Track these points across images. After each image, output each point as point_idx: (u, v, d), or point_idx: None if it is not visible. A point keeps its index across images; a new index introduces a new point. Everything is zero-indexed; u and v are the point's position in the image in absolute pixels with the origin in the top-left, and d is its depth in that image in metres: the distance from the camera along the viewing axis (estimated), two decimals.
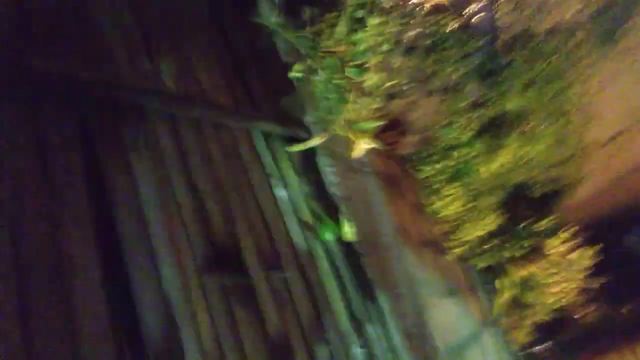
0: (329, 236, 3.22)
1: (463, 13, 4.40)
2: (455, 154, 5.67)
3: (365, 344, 3.12)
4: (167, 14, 2.95)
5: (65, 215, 2.03)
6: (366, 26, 3.55)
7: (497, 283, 7.29)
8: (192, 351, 2.18)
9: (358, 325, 3.14)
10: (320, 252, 3.17)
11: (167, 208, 2.43)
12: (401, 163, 5.49)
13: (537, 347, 8.53)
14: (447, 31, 4.29)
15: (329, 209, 3.33)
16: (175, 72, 2.80)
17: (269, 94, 3.35)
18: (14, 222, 1.83)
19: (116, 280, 2.09)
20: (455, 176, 5.95)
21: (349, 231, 3.27)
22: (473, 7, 4.43)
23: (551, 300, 7.74)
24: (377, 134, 4.38)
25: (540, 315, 7.84)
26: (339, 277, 3.18)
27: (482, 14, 4.52)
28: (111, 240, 2.17)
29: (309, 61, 3.37)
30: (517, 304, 7.62)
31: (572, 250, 7.74)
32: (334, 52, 3.43)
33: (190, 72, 2.93)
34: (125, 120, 2.42)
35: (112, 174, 2.26)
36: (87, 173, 2.19)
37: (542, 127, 6.06)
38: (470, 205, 6.26)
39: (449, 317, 5.01)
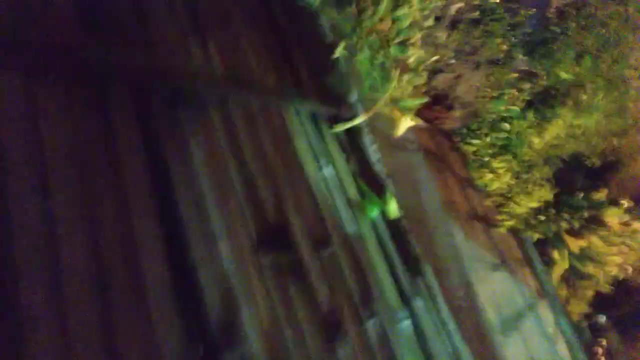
0: (375, 213, 3.29)
1: None
2: (506, 126, 5.56)
3: (414, 318, 3.20)
4: (215, 3, 3.04)
5: (129, 196, 2.19)
6: (410, 1, 3.52)
7: (555, 254, 7.16)
8: (250, 323, 2.32)
9: (406, 300, 3.22)
10: (367, 228, 3.25)
11: (222, 189, 2.56)
12: (448, 138, 5.45)
13: (596, 319, 8.35)
14: (495, 1, 4.18)
15: (375, 186, 3.39)
16: (226, 55, 2.90)
17: (314, 74, 3.41)
18: (85, 202, 2.00)
19: (178, 258, 2.25)
20: (505, 148, 5.85)
21: (394, 207, 3.33)
22: None
23: (611, 271, 7.53)
24: (423, 109, 4.37)
25: (600, 286, 7.66)
26: (385, 253, 3.26)
27: None
28: (172, 221, 2.33)
29: (352, 40, 3.40)
30: (576, 276, 7.47)
31: (633, 220, 7.46)
32: (378, 30, 3.44)
33: (239, 55, 3.03)
34: (181, 105, 2.55)
35: (172, 158, 2.40)
36: (148, 157, 2.34)
37: (598, 97, 5.82)
38: (522, 177, 6.14)
39: (501, 289, 5.01)
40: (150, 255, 2.12)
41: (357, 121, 3.33)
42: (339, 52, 3.32)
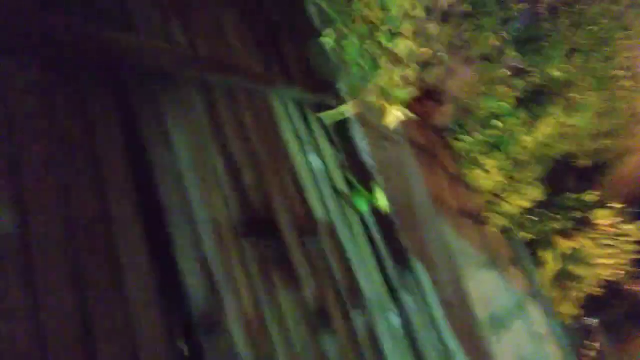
0: (363, 205, 3.21)
1: None
2: (498, 123, 5.52)
3: (402, 313, 3.11)
4: None
5: (108, 181, 2.09)
6: None
7: (545, 255, 7.12)
8: (233, 314, 2.22)
9: (394, 294, 3.13)
10: (354, 220, 3.17)
11: (205, 175, 2.47)
12: (438, 133, 5.39)
13: (584, 320, 8.32)
14: None
15: (363, 177, 3.31)
16: (208, 38, 2.82)
17: (301, 60, 3.33)
18: (60, 188, 1.90)
19: (158, 245, 2.15)
20: (497, 146, 5.80)
21: (383, 200, 3.25)
22: None
23: (601, 272, 7.51)
24: (413, 104, 4.30)
25: (590, 287, 7.63)
26: (373, 246, 3.17)
27: None
28: (152, 206, 2.23)
29: (341, 26, 3.32)
30: (566, 277, 7.44)
31: (623, 222, 7.46)
32: (367, 18, 3.37)
33: (224, 39, 2.94)
34: (161, 88, 2.46)
35: (152, 141, 2.30)
36: (127, 140, 2.24)
37: (589, 95, 5.80)
38: (513, 175, 6.11)
39: (489, 287, 4.94)
40: (129, 241, 2.02)
41: (344, 110, 3.25)
42: (326, 38, 3.25)
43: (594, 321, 8.24)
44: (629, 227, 7.38)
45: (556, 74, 5.55)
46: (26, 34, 2.05)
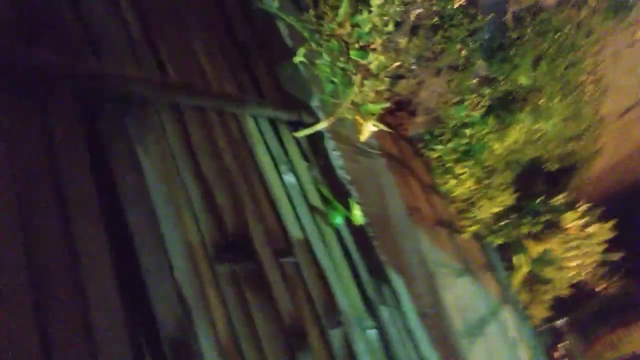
0: (338, 220, 3.22)
1: None
2: (467, 131, 5.62)
3: (380, 326, 3.13)
4: (166, 2, 2.93)
5: (75, 211, 2.05)
6: (370, 6, 3.50)
7: (515, 259, 7.27)
8: (207, 340, 2.20)
9: (371, 308, 3.15)
10: (330, 236, 3.18)
11: (176, 199, 2.44)
12: (411, 144, 5.45)
13: (556, 322, 8.51)
14: (453, 7, 4.21)
15: (338, 192, 3.33)
16: (178, 61, 2.80)
17: (273, 79, 3.33)
18: (24, 220, 1.86)
19: (128, 273, 2.12)
20: (467, 154, 5.90)
21: (358, 214, 3.27)
22: None
23: (570, 274, 7.71)
24: (386, 116, 4.35)
25: (559, 290, 7.82)
26: (350, 261, 3.19)
27: None
28: (121, 233, 2.19)
29: (312, 45, 3.34)
30: (536, 280, 7.61)
31: (590, 224, 7.66)
32: (338, 35, 3.39)
33: (193, 61, 2.93)
34: (129, 112, 2.43)
35: (120, 167, 2.27)
36: (95, 167, 2.21)
37: (555, 101, 5.96)
38: (484, 182, 6.22)
39: (465, 295, 5.01)
40: (97, 269, 1.98)
41: (318, 127, 3.26)
42: (298, 57, 3.26)
43: (564, 322, 8.44)
44: (595, 228, 7.60)
45: (523, 81, 5.68)
46: None
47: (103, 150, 2.25)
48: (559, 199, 7.36)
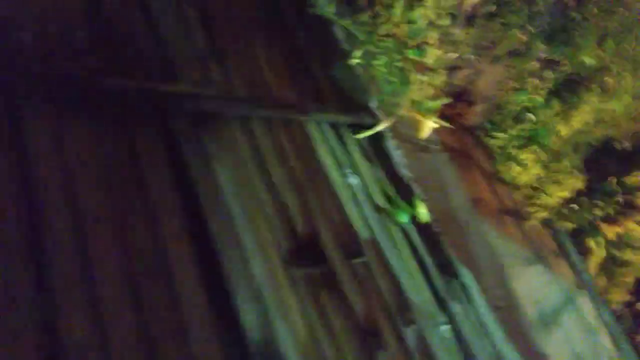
0: (404, 218, 3.26)
1: None
2: (532, 116, 5.45)
3: (452, 322, 3.15)
4: (232, 18, 3.07)
5: (161, 222, 2.22)
6: (423, 2, 3.49)
7: (590, 243, 6.98)
8: (288, 340, 2.33)
9: (442, 304, 3.18)
10: (397, 235, 3.23)
11: (250, 206, 2.58)
12: (472, 133, 5.37)
13: (635, 305, 8.11)
14: None
15: (402, 191, 3.37)
16: (244, 75, 2.93)
17: (332, 83, 3.41)
18: (120, 232, 2.04)
19: (212, 277, 2.27)
20: (532, 139, 5.73)
21: (423, 211, 3.29)
22: None
23: None
24: (445, 107, 4.32)
25: (638, 272, 7.45)
26: (418, 258, 3.23)
27: None
28: (205, 241, 2.35)
29: (368, 46, 3.38)
30: (614, 263, 7.27)
31: None
32: (393, 34, 3.41)
33: (258, 74, 3.05)
34: (204, 127, 2.58)
35: (199, 180, 2.43)
36: (177, 181, 2.38)
37: (625, 79, 5.66)
38: (552, 166, 6.02)
39: (537, 284, 4.91)
40: (186, 280, 2.14)
41: (379, 128, 3.31)
42: (355, 59, 3.31)
43: None
44: None
45: (588, 61, 5.44)
46: (82, 90, 2.21)
47: (183, 164, 2.42)
48: (635, 179, 6.99)
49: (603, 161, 7.06)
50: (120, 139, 2.30)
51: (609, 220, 6.90)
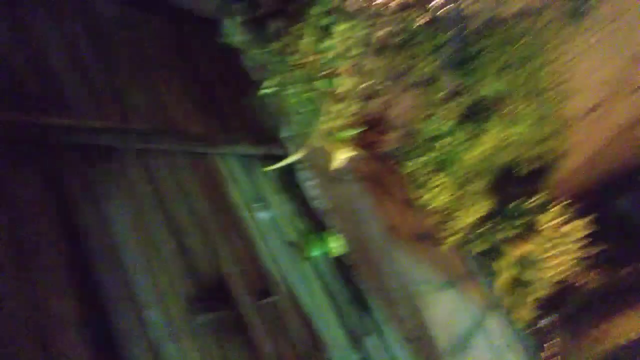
0: (316, 252, 3.18)
1: (429, 7, 4.36)
2: (438, 144, 5.65)
3: (366, 357, 3.09)
4: (130, 50, 2.87)
5: (43, 270, 1.98)
6: (333, 33, 3.49)
7: (495, 265, 7.31)
8: None
9: (356, 339, 3.11)
10: (309, 270, 3.13)
11: (146, 249, 2.37)
12: (384, 162, 5.46)
13: (541, 322, 8.59)
14: (415, 27, 4.25)
15: (315, 224, 3.29)
16: (143, 107, 2.74)
17: (241, 115, 3.29)
18: None
19: (100, 331, 2.04)
20: (440, 166, 5.94)
21: (336, 245, 3.23)
22: (438, 0, 4.39)
23: (550, 274, 7.79)
24: (357, 136, 4.33)
25: (542, 290, 7.89)
26: (330, 293, 3.15)
27: (449, 5, 4.47)
28: (91, 290, 2.11)
29: (278, 76, 3.31)
30: (518, 283, 7.66)
31: (565, 223, 7.77)
32: (303, 64, 3.37)
33: (159, 105, 2.86)
34: (94, 161, 2.36)
35: (86, 219, 2.20)
36: (61, 221, 2.13)
37: (521, 107, 6.06)
38: (459, 192, 6.26)
39: (449, 309, 5.01)
40: (70, 336, 1.90)
41: (290, 159, 3.23)
42: (265, 89, 3.22)
43: (549, 321, 8.53)
44: (570, 227, 7.73)
45: (488, 91, 5.76)
46: None
47: (70, 208, 2.18)
48: (535, 201, 7.45)
49: (508, 185, 7.48)
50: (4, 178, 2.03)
51: (513, 242, 7.29)
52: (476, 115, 6.07)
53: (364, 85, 4.24)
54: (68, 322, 1.93)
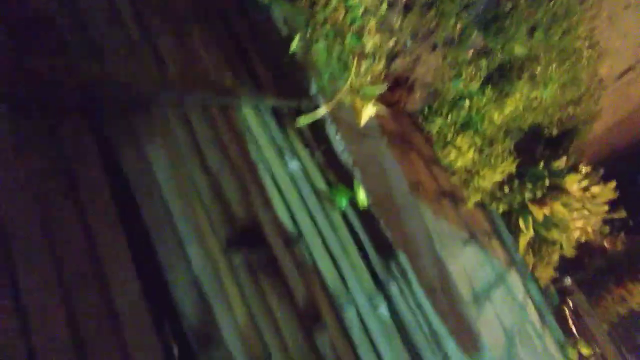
0: (344, 203, 3.32)
1: None
2: (465, 104, 5.66)
3: (390, 303, 3.25)
4: (163, 6, 2.97)
5: (90, 211, 2.14)
6: None
7: (520, 223, 7.38)
8: (228, 327, 2.32)
9: (382, 286, 3.27)
10: (337, 218, 3.28)
11: (186, 193, 2.53)
12: (411, 120, 5.51)
13: (562, 281, 8.69)
14: None
15: (343, 176, 3.41)
16: (177, 56, 2.85)
17: (271, 68, 3.38)
18: (47, 234, 1.94)
19: (147, 267, 2.22)
20: (467, 126, 5.96)
21: (362, 196, 3.36)
22: None
23: (575, 235, 7.83)
24: (384, 94, 4.40)
25: (565, 250, 7.96)
26: (358, 242, 3.29)
27: None
28: (138, 230, 2.29)
29: (307, 32, 3.38)
30: (542, 242, 7.74)
31: (592, 185, 7.75)
32: (332, 20, 3.42)
33: (193, 57, 2.98)
34: (135, 112, 2.50)
35: (131, 167, 2.36)
36: (107, 170, 2.29)
37: (552, 68, 5.98)
38: (485, 151, 6.29)
39: (471, 263, 5.13)
40: (118, 270, 2.08)
41: (318, 113, 3.33)
42: (294, 45, 3.30)
43: (569, 281, 8.62)
44: (598, 189, 7.71)
45: (518, 50, 5.69)
46: None
47: (114, 154, 2.34)
48: (561, 163, 7.44)
49: (534, 146, 7.46)
50: (44, 131, 2.18)
51: (538, 202, 7.32)
52: (505, 75, 6.03)
53: (391, 42, 4.27)
54: (119, 255, 2.11)
